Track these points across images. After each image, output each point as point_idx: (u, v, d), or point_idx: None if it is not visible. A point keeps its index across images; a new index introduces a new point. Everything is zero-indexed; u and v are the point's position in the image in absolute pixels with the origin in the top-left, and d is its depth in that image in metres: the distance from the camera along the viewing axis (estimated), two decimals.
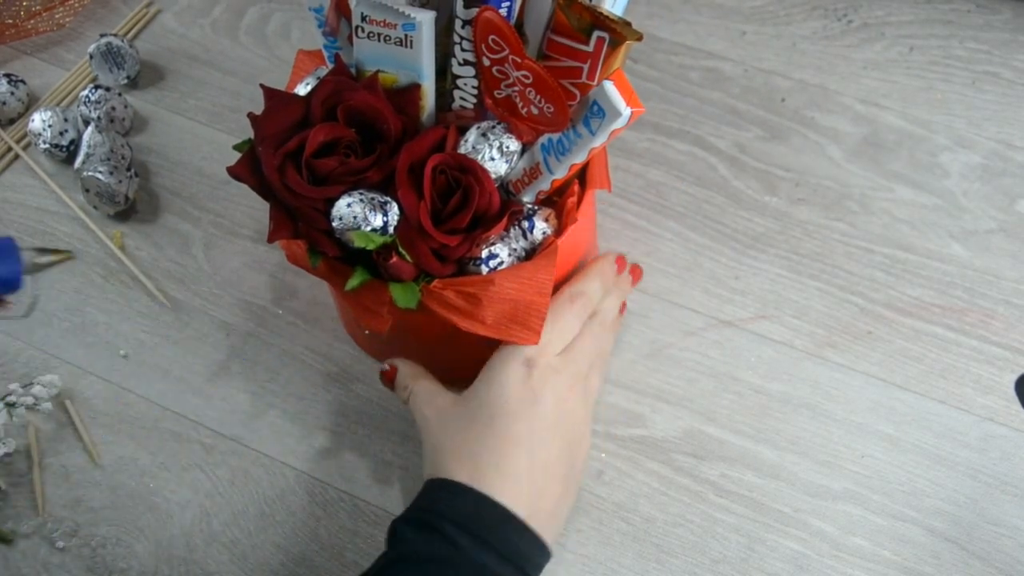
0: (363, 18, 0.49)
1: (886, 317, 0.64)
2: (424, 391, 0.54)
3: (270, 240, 0.51)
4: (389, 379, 0.56)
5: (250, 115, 0.51)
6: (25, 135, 0.76)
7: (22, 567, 0.58)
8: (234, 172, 0.51)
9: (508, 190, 0.55)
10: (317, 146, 0.50)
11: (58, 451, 0.62)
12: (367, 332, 0.57)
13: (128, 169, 0.71)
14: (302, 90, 0.56)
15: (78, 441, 0.62)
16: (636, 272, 0.62)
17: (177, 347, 0.66)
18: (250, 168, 0.51)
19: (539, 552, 0.48)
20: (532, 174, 0.53)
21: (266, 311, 0.67)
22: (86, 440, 0.62)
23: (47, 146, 0.72)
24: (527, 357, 0.51)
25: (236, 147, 0.54)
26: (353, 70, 0.53)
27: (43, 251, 0.61)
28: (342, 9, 0.52)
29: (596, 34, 0.46)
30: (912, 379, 0.62)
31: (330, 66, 0.57)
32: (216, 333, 0.66)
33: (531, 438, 0.49)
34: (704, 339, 0.64)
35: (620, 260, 0.60)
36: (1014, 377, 0.61)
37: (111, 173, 0.69)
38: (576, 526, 0.58)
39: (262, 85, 0.52)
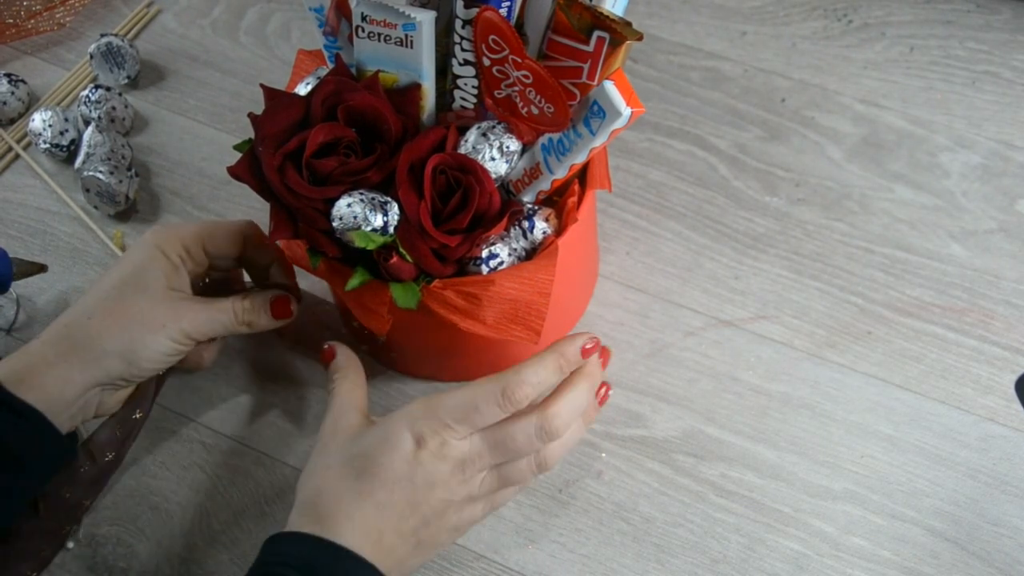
0: (363, 18, 0.49)
1: (886, 317, 0.64)
2: (341, 397, 0.52)
3: (271, 240, 0.51)
4: (326, 361, 0.55)
5: (250, 115, 0.51)
6: (25, 135, 0.76)
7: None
8: (234, 172, 0.51)
9: (508, 190, 0.55)
10: (317, 146, 0.50)
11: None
12: (366, 332, 0.57)
13: (128, 169, 0.71)
14: (302, 90, 0.56)
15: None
16: (605, 354, 0.53)
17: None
18: (250, 168, 0.51)
19: None
20: (532, 174, 0.53)
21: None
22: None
23: (47, 146, 0.72)
24: (419, 434, 0.47)
25: (236, 147, 0.55)
26: (353, 70, 0.53)
27: (20, 262, 0.61)
28: (342, 9, 0.52)
29: (596, 34, 0.46)
30: (912, 379, 0.62)
31: (330, 66, 0.57)
32: None
33: (391, 507, 0.47)
34: (704, 339, 0.64)
35: (586, 350, 0.50)
36: (1014, 377, 0.61)
37: (111, 173, 0.69)
38: (576, 526, 0.58)
39: (262, 85, 0.52)
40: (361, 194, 0.49)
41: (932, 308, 0.64)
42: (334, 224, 0.49)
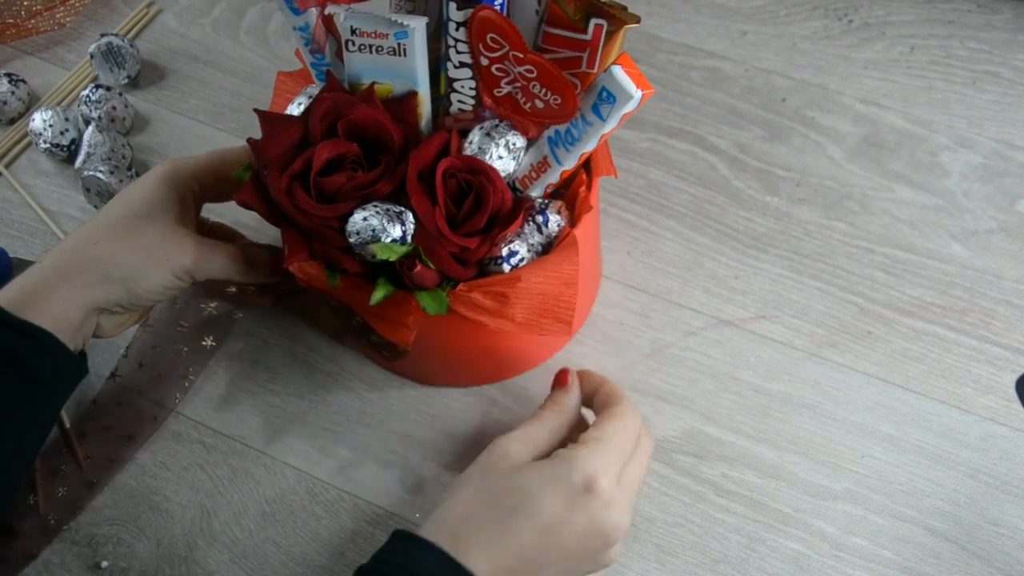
0: (353, 31, 0.49)
1: (886, 317, 0.64)
2: (540, 425, 0.51)
3: (286, 265, 0.50)
4: (561, 385, 0.54)
5: (250, 140, 0.50)
6: (26, 135, 0.76)
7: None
8: (242, 200, 0.50)
9: (515, 187, 0.54)
10: (323, 164, 0.50)
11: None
12: (385, 349, 0.56)
13: (129, 169, 0.71)
14: (295, 110, 0.55)
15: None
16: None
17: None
18: (257, 194, 0.50)
19: None
20: (540, 168, 0.52)
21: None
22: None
23: (48, 145, 0.72)
24: (589, 478, 0.46)
25: (237, 175, 0.54)
26: (345, 85, 0.52)
27: (20, 262, 0.61)
28: (329, 26, 0.52)
29: (594, 21, 0.45)
30: (912, 379, 0.62)
31: (318, 84, 0.56)
32: None
33: (534, 551, 0.46)
34: (705, 339, 0.64)
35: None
36: (1014, 377, 0.61)
37: (112, 172, 0.69)
38: None
39: (256, 110, 0.51)
40: (375, 206, 0.49)
41: (933, 308, 0.64)
42: (351, 240, 0.48)
